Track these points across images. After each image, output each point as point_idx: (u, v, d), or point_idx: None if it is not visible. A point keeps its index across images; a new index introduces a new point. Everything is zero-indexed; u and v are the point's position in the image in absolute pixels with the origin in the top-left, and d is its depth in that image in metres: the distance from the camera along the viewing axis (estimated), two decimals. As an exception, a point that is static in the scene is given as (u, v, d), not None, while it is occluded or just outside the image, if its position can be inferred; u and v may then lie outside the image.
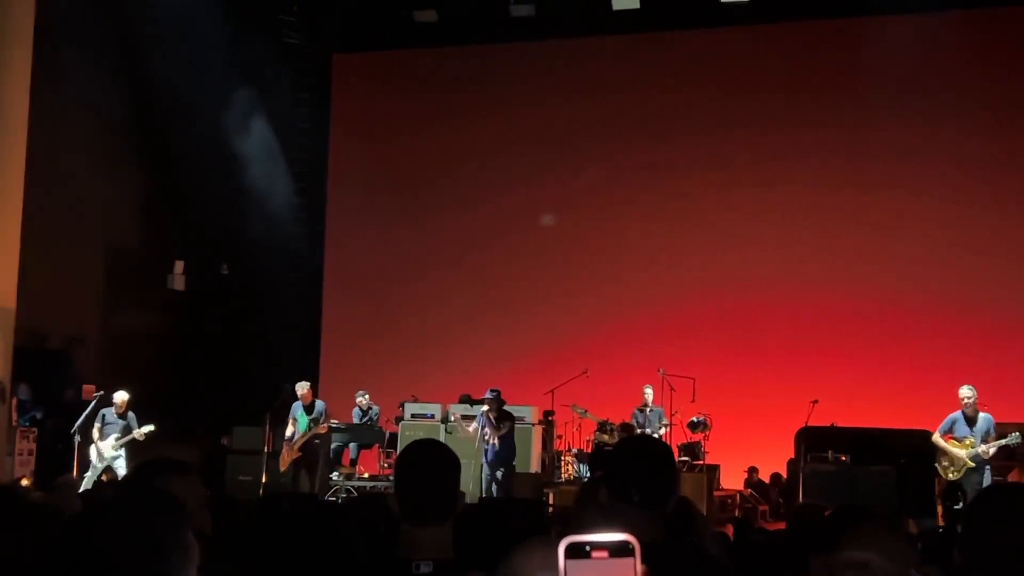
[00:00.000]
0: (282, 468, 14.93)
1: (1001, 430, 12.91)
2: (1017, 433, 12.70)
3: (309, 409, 15.03)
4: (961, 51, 17.89)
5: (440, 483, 3.16)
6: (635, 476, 3.06)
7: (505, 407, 14.78)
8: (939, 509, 13.88)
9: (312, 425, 14.94)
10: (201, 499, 3.02)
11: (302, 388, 15.08)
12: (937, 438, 12.93)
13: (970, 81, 17.93)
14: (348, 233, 21.15)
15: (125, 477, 3.23)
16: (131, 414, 14.87)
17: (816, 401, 14.15)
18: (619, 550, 1.61)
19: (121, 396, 14.85)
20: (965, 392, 12.79)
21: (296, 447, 14.86)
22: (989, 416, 12.80)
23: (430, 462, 3.22)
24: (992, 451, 12.70)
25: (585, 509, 3.24)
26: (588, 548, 1.61)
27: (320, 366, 20.79)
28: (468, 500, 12.73)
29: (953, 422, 12.84)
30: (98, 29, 16.76)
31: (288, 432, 15.03)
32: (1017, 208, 17.69)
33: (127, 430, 14.67)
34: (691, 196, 19.14)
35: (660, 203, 19.27)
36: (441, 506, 3.11)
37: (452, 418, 15.80)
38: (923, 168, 18.09)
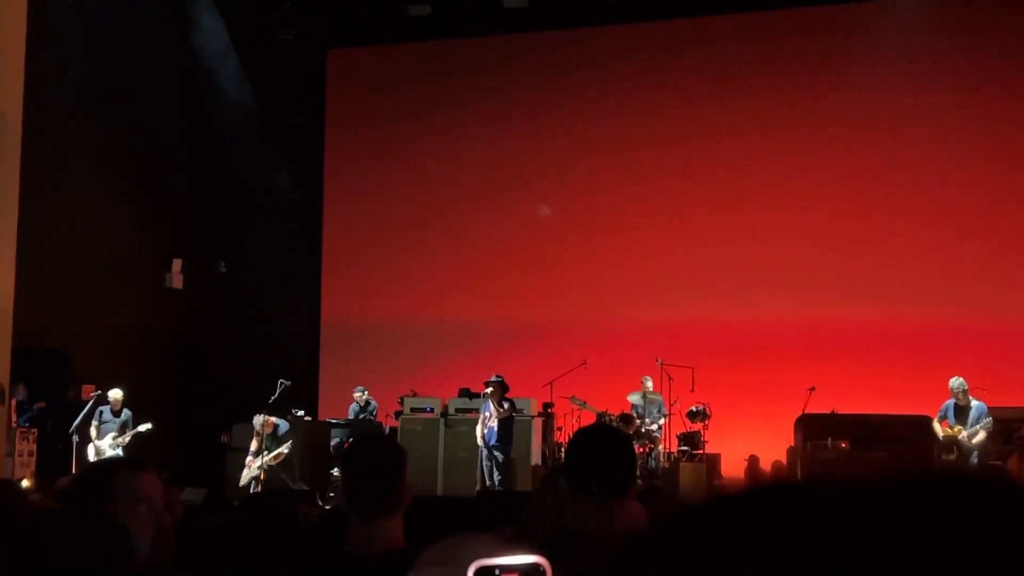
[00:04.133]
0: (242, 483, 14.85)
1: (999, 415, 12.98)
2: (989, 419, 12.81)
3: (273, 435, 14.94)
4: (956, 35, 17.87)
5: (387, 475, 3.12)
6: (592, 466, 3.02)
7: (508, 393, 14.89)
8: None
9: (276, 445, 14.87)
10: (161, 496, 2.99)
11: (258, 423, 14.95)
12: (935, 424, 13.11)
13: (966, 67, 17.89)
14: (345, 228, 21.13)
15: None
16: (127, 411, 14.87)
17: (813, 388, 14.11)
18: (529, 574, 1.57)
19: (116, 393, 14.84)
20: (952, 383, 13.03)
21: (263, 467, 14.79)
22: (981, 404, 12.90)
23: (376, 455, 3.19)
24: (977, 439, 12.79)
25: (542, 504, 3.21)
26: (497, 572, 1.57)
27: (320, 362, 20.79)
28: (463, 493, 12.74)
29: (946, 410, 13.04)
30: (91, 29, 16.73)
31: (253, 446, 14.93)
32: (1014, 196, 17.62)
33: (124, 428, 14.67)
34: (688, 186, 19.11)
35: (657, 193, 19.24)
36: (388, 498, 3.07)
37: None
38: (919, 157, 18.04)
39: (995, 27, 17.84)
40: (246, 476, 14.88)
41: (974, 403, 12.96)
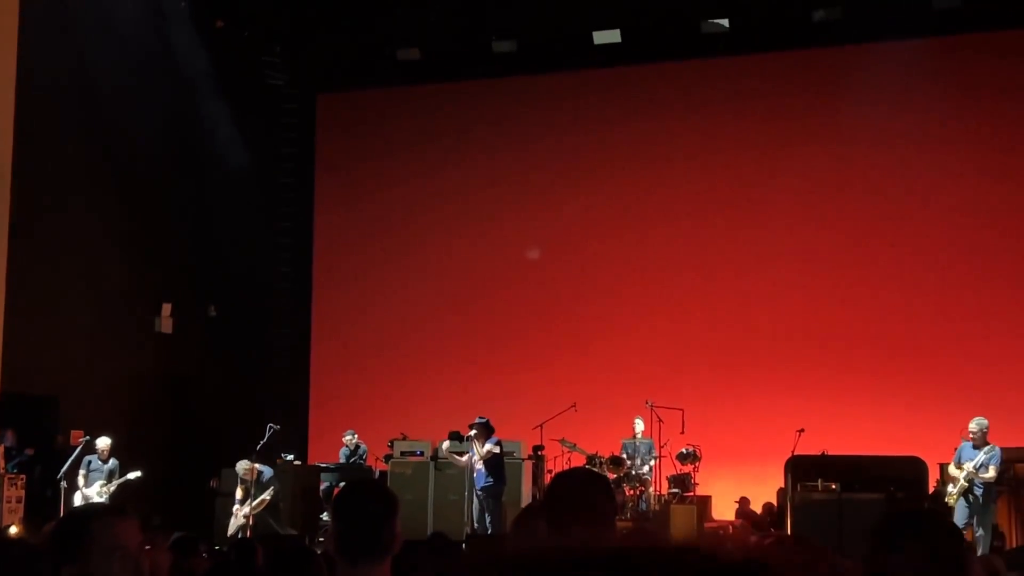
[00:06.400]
0: (229, 532, 14.74)
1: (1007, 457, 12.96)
2: (997, 450, 12.75)
3: (257, 481, 14.90)
4: (940, 77, 18.00)
5: (376, 521, 3.11)
6: (573, 509, 3.02)
7: (493, 435, 14.77)
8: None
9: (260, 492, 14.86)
10: (140, 544, 2.98)
11: (242, 469, 14.92)
12: (950, 468, 13.05)
13: (954, 105, 18.01)
14: (335, 272, 21.14)
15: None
16: (114, 460, 14.76)
17: (802, 430, 14.09)
18: None
19: (104, 442, 14.74)
20: (979, 423, 12.88)
21: (249, 514, 14.75)
22: (997, 448, 12.81)
23: (366, 501, 3.18)
24: (988, 475, 12.68)
25: (518, 538, 3.21)
26: None
27: (310, 405, 20.74)
28: (453, 537, 12.68)
29: (962, 450, 12.96)
30: (82, 74, 16.79)
31: (239, 494, 14.91)
32: (1005, 234, 17.68)
33: (111, 476, 14.58)
34: (677, 227, 19.16)
35: (645, 235, 19.29)
36: (377, 545, 3.07)
37: (442, 454, 15.73)
38: (910, 199, 18.12)
39: (986, 70, 17.96)
40: (234, 524, 14.82)
41: (990, 446, 12.86)
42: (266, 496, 14.72)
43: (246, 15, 19.44)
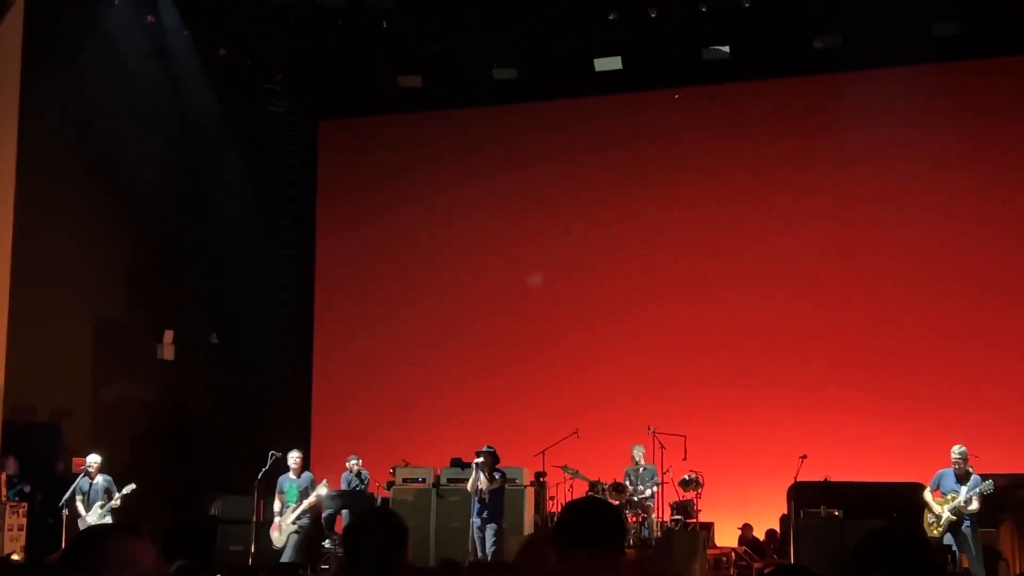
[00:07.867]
0: (277, 546, 14.51)
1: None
2: (991, 481, 12.73)
3: (299, 482, 14.76)
4: (939, 103, 18.07)
5: (387, 552, 3.12)
6: (584, 538, 3.03)
7: (498, 464, 14.73)
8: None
9: (301, 498, 14.64)
10: (155, 564, 2.98)
11: (293, 459, 14.81)
12: (926, 494, 13.02)
13: (953, 129, 18.07)
14: (337, 298, 21.16)
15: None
16: (104, 476, 14.51)
17: (805, 456, 14.07)
18: None
19: (94, 459, 14.50)
20: (954, 452, 12.89)
21: (290, 521, 14.53)
22: (978, 476, 12.81)
23: (375, 529, 3.19)
24: (974, 505, 12.69)
25: (526, 566, 3.22)
26: None
27: (311, 432, 20.70)
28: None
29: (941, 477, 12.95)
30: (82, 103, 16.85)
31: (276, 506, 14.71)
32: (1008, 262, 17.69)
33: (108, 493, 14.42)
34: (677, 253, 19.19)
35: (646, 261, 19.32)
36: (387, 574, 3.07)
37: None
38: (910, 223, 18.15)
39: (985, 96, 18.02)
40: (278, 539, 14.54)
41: (974, 475, 12.87)
42: (313, 496, 14.63)
43: (248, 43, 19.50)
